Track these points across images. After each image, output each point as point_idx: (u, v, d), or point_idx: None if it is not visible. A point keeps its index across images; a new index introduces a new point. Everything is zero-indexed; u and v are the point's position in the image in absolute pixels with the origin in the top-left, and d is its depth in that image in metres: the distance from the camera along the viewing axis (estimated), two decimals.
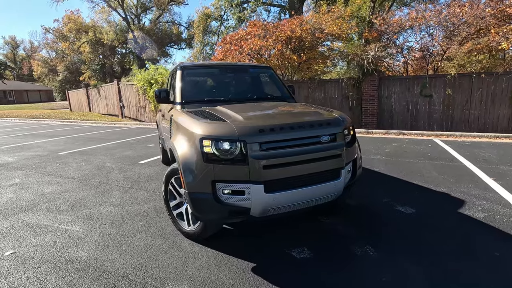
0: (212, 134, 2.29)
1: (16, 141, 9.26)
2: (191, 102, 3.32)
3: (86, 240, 2.84)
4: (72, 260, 2.50)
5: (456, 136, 8.00)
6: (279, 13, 21.57)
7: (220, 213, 2.34)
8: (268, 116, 2.68)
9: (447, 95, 9.41)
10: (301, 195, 2.38)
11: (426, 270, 2.24)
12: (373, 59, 9.73)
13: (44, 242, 2.82)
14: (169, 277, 2.24)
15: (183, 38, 37.21)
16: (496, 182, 4.09)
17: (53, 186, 4.48)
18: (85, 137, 9.65)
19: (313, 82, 11.18)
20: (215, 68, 3.99)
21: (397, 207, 3.35)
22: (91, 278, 2.26)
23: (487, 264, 2.29)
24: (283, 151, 2.29)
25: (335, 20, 11.06)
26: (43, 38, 58.48)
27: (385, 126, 10.10)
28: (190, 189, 2.35)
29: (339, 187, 2.53)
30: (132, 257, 2.52)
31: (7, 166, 5.77)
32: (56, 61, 45.74)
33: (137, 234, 2.93)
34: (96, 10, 35.99)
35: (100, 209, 3.56)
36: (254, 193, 2.23)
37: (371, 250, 2.52)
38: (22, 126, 14.64)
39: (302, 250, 2.55)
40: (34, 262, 2.49)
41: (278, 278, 2.20)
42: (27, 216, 3.42)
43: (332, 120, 2.60)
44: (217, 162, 2.26)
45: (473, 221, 2.99)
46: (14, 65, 64.67)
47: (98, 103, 20.92)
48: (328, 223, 3.06)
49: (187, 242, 2.74)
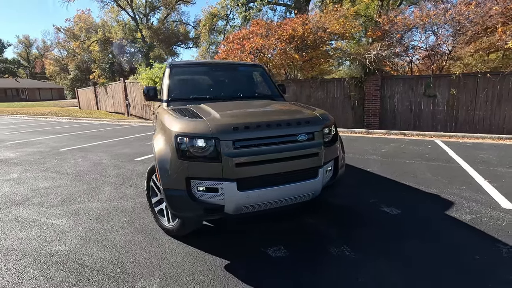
0: (186, 131, 2.30)
1: (22, 137, 9.49)
2: (177, 100, 3.34)
3: (70, 234, 2.89)
4: (52, 254, 2.56)
5: (458, 137, 7.83)
6: (285, 12, 21.48)
7: (195, 210, 2.35)
8: (247, 114, 2.67)
9: (452, 95, 9.22)
10: (276, 193, 2.36)
11: (400, 272, 2.21)
12: (376, 58, 9.60)
13: (29, 235, 2.89)
14: (142, 272, 2.27)
15: (190, 37, 37.48)
16: (490, 184, 3.99)
17: (48, 181, 4.58)
18: (88, 135, 9.82)
19: (315, 82, 11.09)
20: (204, 67, 4.01)
21: (382, 208, 3.31)
22: (67, 271, 2.30)
23: (465, 267, 2.23)
24: (257, 149, 2.28)
25: (338, 19, 10.95)
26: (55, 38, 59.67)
27: (388, 126, 9.95)
28: (165, 185, 2.37)
29: (316, 186, 2.51)
30: (111, 252, 2.56)
31: (8, 162, 5.92)
32: (67, 60, 46.67)
33: (119, 229, 2.97)
34: (106, 10, 36.62)
35: (88, 205, 3.62)
36: (227, 190, 2.24)
37: (348, 250, 2.50)
38: (30, 123, 14.99)
39: (278, 249, 2.54)
40: (16, 255, 2.55)
41: (250, 276, 2.20)
42: (18, 210, 3.50)
43: (311, 118, 2.57)
44: (191, 159, 2.27)
45: (458, 223, 2.92)
46: (27, 64, 66.28)
47: (106, 101, 21.25)
48: (309, 222, 3.03)
49: (167, 238, 2.77)
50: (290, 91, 11.42)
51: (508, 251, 2.41)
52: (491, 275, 2.14)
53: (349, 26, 11.25)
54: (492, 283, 2.05)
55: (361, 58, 10.01)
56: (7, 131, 11.29)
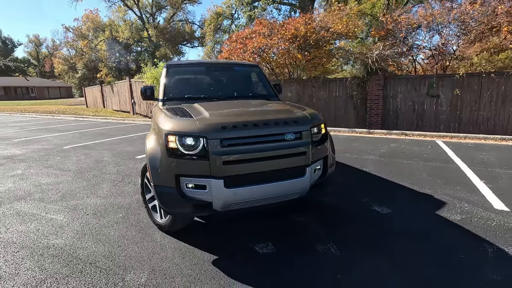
0: (176, 130, 2.37)
1: (28, 135, 9.73)
2: (172, 99, 3.42)
3: (67, 229, 2.99)
4: (49, 247, 2.66)
5: (460, 137, 7.76)
6: (289, 11, 21.46)
7: (184, 207, 2.42)
8: (236, 113, 2.73)
9: (455, 96, 9.13)
10: (263, 191, 2.42)
11: (382, 269, 2.24)
12: (378, 58, 9.55)
13: (29, 229, 3.00)
14: (133, 265, 2.35)
15: (196, 37, 37.68)
16: (486, 185, 3.97)
17: (50, 177, 4.71)
18: (93, 133, 10.01)
19: (317, 81, 11.08)
20: (200, 66, 4.08)
21: (373, 207, 3.33)
22: (62, 263, 2.40)
23: (449, 266, 2.26)
24: (244, 148, 2.34)
25: (342, 19, 10.93)
26: (64, 37, 60.62)
27: (390, 126, 9.90)
28: (155, 182, 2.45)
29: (304, 184, 2.56)
30: (104, 246, 2.65)
31: (13, 158, 6.10)
32: (76, 58, 47.41)
33: (114, 225, 3.06)
34: (113, 9, 37.03)
35: (87, 201, 3.73)
36: (214, 187, 2.30)
37: (334, 247, 2.54)
38: (37, 121, 15.31)
39: (266, 246, 2.60)
40: (15, 247, 2.66)
41: (235, 270, 2.26)
42: (19, 205, 3.63)
43: (298, 118, 2.62)
44: (180, 157, 2.34)
45: (447, 223, 2.93)
46: (37, 63, 67.47)
47: (112, 100, 21.54)
48: (298, 220, 3.08)
49: (159, 234, 2.85)
50: (293, 91, 11.45)
51: (493, 251, 2.42)
52: (474, 274, 2.16)
53: (352, 26, 11.21)
54: (475, 283, 2.07)
55: (364, 57, 9.98)
56: (15, 129, 11.57)
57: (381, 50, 9.71)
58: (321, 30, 10.73)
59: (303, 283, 2.11)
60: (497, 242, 2.55)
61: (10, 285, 2.15)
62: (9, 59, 60.87)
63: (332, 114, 10.98)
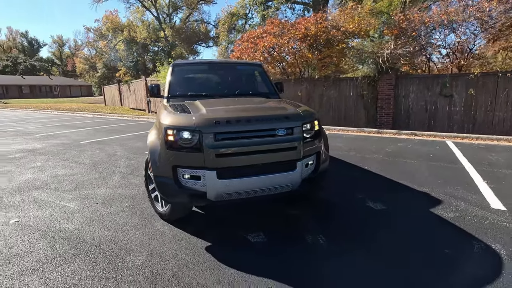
0: (174, 124, 2.55)
1: (49, 130, 10.29)
2: (176, 97, 3.62)
3: (77, 215, 3.25)
4: (60, 230, 2.91)
5: (472, 138, 7.59)
6: (303, 11, 21.40)
7: (181, 196, 2.59)
8: (231, 109, 2.88)
9: (470, 95, 8.91)
10: (255, 183, 2.56)
11: (367, 260, 2.33)
12: (389, 57, 9.45)
13: (44, 214, 3.28)
14: (133, 248, 2.56)
15: (210, 36, 38.18)
16: (488, 185, 3.94)
17: (66, 169, 5.04)
18: (108, 129, 10.46)
19: (327, 80, 11.07)
20: (205, 65, 4.26)
21: (368, 203, 3.40)
22: (70, 245, 2.64)
23: (431, 260, 2.32)
24: (236, 142, 2.49)
25: (353, 17, 10.86)
26: (85, 37, 63.00)
27: (401, 126, 9.77)
28: (155, 173, 2.64)
29: (295, 178, 2.67)
30: (109, 231, 2.87)
31: (34, 152, 6.53)
32: (96, 58, 49.16)
33: (120, 213, 3.29)
34: (131, 10, 38.08)
35: (97, 191, 3.99)
36: (208, 178, 2.46)
37: (322, 239, 2.65)
38: (58, 118, 16.08)
39: (258, 235, 2.74)
40: (30, 229, 2.93)
41: (226, 256, 2.42)
42: (37, 193, 3.94)
43: (290, 115, 2.74)
44: (177, 149, 2.52)
45: (439, 220, 2.97)
46: (60, 62, 70.39)
47: (129, 98, 22.25)
48: (292, 213, 3.20)
49: (160, 222, 3.05)
50: (303, 90, 11.49)
51: (479, 248, 2.46)
52: (455, 269, 2.21)
53: (364, 24, 11.12)
54: (454, 277, 2.13)
55: (374, 56, 9.89)
56: (38, 125, 12.24)
57: (393, 49, 9.60)
58: (332, 29, 10.72)
59: (288, 270, 2.23)
60: (485, 239, 2.57)
61: (25, 260, 2.40)
62: (34, 59, 63.88)
63: (342, 113, 10.94)
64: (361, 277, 2.14)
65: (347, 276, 2.15)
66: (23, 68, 57.48)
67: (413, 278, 2.11)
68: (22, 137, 8.79)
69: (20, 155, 6.21)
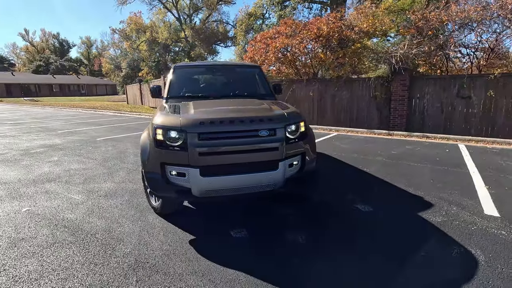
0: (162, 124, 2.73)
1: (71, 127, 10.95)
2: (174, 98, 3.81)
3: (80, 206, 3.52)
4: (64, 219, 3.18)
5: (488, 142, 7.28)
6: (320, 10, 21.18)
7: (168, 191, 2.77)
8: (219, 111, 3.02)
9: (489, 97, 8.53)
10: (237, 181, 2.68)
11: (342, 261, 2.39)
12: (403, 57, 9.23)
13: (52, 204, 3.58)
14: (124, 239, 2.76)
15: (229, 37, 38.65)
16: (488, 190, 3.83)
17: (78, 164, 5.41)
18: (124, 127, 10.97)
19: (339, 81, 10.97)
20: (204, 67, 4.44)
21: (356, 205, 3.43)
22: (69, 232, 2.89)
23: (407, 263, 2.34)
24: (219, 141, 2.63)
25: (368, 16, 10.68)
26: (111, 38, 65.86)
27: (415, 128, 9.51)
28: (145, 168, 2.84)
29: (277, 177, 2.77)
30: (106, 222, 3.11)
31: (54, 147, 7.02)
32: (121, 58, 51.25)
33: (119, 205, 3.53)
34: (154, 12, 39.35)
35: (103, 185, 4.28)
36: (192, 175, 2.62)
37: (302, 238, 2.73)
38: (82, 115, 16.99)
39: (241, 231, 2.86)
40: (38, 217, 3.23)
41: (206, 248, 2.57)
42: (49, 185, 4.29)
43: (274, 116, 2.84)
44: (165, 147, 2.70)
45: (424, 224, 2.95)
46: (87, 62, 73.92)
47: (149, 97, 23.01)
48: (279, 212, 3.30)
49: (153, 215, 3.25)
50: (315, 91, 11.43)
51: (458, 252, 2.44)
52: (426, 272, 2.23)
53: (379, 24, 10.91)
54: (424, 279, 2.15)
55: (388, 56, 9.69)
56: (62, 122, 13.04)
57: (406, 48, 9.36)
58: (345, 29, 10.60)
59: (262, 265, 2.34)
60: (467, 245, 2.55)
61: (28, 244, 2.67)
62: (64, 59, 67.54)
63: (354, 114, 10.80)
64: (325, 278, 2.21)
65: (315, 276, 2.23)
66: (54, 68, 60.94)
67: (377, 281, 2.15)
68: (46, 133, 9.44)
69: (41, 150, 6.70)
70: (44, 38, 72.76)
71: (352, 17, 10.97)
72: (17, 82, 48.40)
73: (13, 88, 47.20)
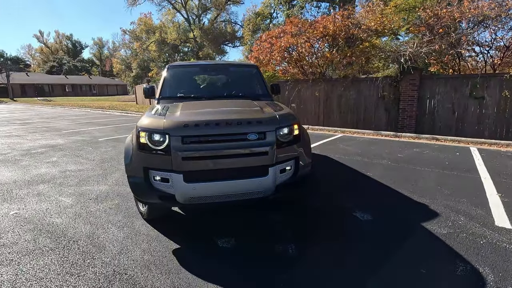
0: (145, 126, 2.59)
1: (76, 127, 11.02)
2: (166, 98, 3.68)
3: (69, 210, 3.43)
4: (49, 224, 3.09)
5: (502, 145, 6.90)
6: (328, 8, 20.83)
7: (152, 197, 2.63)
8: (206, 112, 2.85)
9: (504, 97, 8.11)
10: (222, 188, 2.52)
11: (332, 274, 2.20)
12: (412, 56, 8.88)
13: (41, 208, 3.50)
14: (106, 246, 2.64)
15: (237, 36, 38.59)
16: (501, 198, 3.55)
17: (75, 165, 5.36)
18: (129, 127, 10.96)
19: (346, 81, 10.67)
20: (198, 67, 4.29)
21: (355, 213, 3.21)
22: (52, 239, 2.78)
23: (404, 280, 2.13)
24: (203, 145, 2.47)
25: (375, 15, 10.36)
26: (121, 39, 66.77)
27: (425, 129, 9.14)
28: (128, 172, 2.71)
29: (266, 184, 2.59)
30: (91, 227, 2.99)
31: (55, 147, 7.02)
32: (131, 59, 51.94)
33: (107, 210, 3.42)
34: (163, 12, 39.65)
35: (96, 187, 4.19)
36: (175, 181, 2.47)
37: (292, 248, 2.54)
38: (89, 115, 17.17)
39: (228, 240, 2.70)
40: (24, 221, 3.14)
41: (189, 259, 2.41)
42: (42, 187, 4.22)
43: (264, 119, 2.66)
44: (148, 151, 2.56)
45: (428, 236, 2.72)
46: (99, 63, 75.26)
47: None
48: (272, 220, 3.11)
49: (140, 221, 3.12)
50: (321, 90, 11.18)
51: (463, 270, 2.21)
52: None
53: (388, 22, 10.56)
54: None
55: (397, 55, 9.35)
56: (68, 122, 13.17)
57: (416, 47, 9.01)
58: (352, 28, 10.30)
59: (249, 281, 2.17)
60: (474, 261, 2.31)
61: (7, 251, 2.57)
62: (77, 59, 68.95)
63: (361, 114, 10.48)
64: None
65: None
66: (66, 68, 62.30)
67: None
68: (50, 132, 9.51)
69: (42, 150, 6.71)
70: (58, 39, 74.41)
71: (360, 16, 10.65)
72: (32, 82, 49.63)
73: (27, 88, 48.42)
